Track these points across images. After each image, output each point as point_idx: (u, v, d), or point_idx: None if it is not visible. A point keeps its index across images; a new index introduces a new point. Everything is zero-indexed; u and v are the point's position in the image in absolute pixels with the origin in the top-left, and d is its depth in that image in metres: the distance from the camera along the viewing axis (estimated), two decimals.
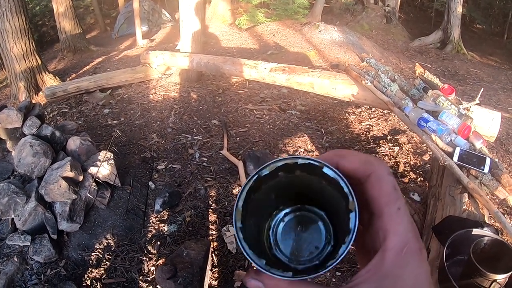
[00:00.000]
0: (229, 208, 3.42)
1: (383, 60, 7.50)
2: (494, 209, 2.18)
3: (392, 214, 0.35)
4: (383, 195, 0.37)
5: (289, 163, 0.41)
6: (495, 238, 1.73)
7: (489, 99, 6.18)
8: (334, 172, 0.39)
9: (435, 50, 9.61)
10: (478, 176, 2.43)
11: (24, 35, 6.12)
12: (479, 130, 2.76)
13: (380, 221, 0.36)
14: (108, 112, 5.39)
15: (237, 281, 2.74)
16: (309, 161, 0.40)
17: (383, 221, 0.36)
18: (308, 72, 3.87)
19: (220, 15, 10.57)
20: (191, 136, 4.60)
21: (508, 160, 4.25)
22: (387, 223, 0.35)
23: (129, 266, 2.91)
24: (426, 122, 2.67)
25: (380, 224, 0.36)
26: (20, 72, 6.24)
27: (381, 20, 11.29)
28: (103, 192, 3.37)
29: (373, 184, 0.37)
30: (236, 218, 0.41)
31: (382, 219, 0.36)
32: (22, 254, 2.88)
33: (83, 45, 9.45)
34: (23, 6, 6.10)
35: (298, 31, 8.83)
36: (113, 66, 7.84)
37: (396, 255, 0.34)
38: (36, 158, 3.20)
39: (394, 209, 0.36)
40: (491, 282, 1.56)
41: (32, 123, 3.50)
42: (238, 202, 0.41)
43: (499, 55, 10.04)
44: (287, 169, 0.42)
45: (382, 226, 0.36)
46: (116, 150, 4.14)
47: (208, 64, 5.06)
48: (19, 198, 3.00)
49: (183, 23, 5.82)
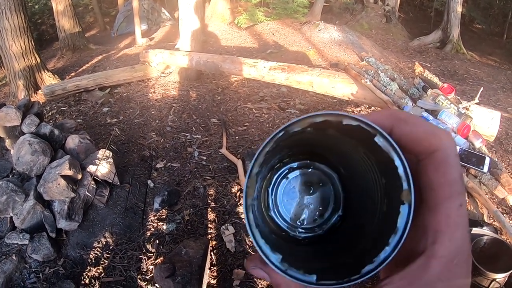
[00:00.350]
0: (228, 206, 3.42)
1: (382, 59, 7.49)
2: (493, 208, 2.18)
3: (452, 213, 0.28)
4: (446, 184, 0.28)
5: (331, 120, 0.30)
6: (495, 237, 1.73)
7: (488, 98, 6.18)
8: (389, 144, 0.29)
9: (434, 50, 9.62)
10: (478, 175, 2.43)
11: (23, 33, 6.11)
12: (479, 129, 2.76)
13: (433, 217, 0.28)
14: (107, 111, 5.38)
15: (236, 279, 2.74)
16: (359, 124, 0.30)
17: (437, 218, 0.28)
18: (308, 71, 3.87)
19: (219, 14, 10.56)
20: (190, 134, 4.60)
21: (508, 160, 4.25)
22: (443, 223, 0.28)
23: (127, 265, 2.91)
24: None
25: (432, 220, 0.28)
26: (19, 70, 6.22)
27: (381, 19, 11.29)
28: (102, 191, 3.36)
29: (437, 165, 0.28)
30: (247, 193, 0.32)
31: (437, 215, 0.28)
32: (21, 253, 2.88)
33: (82, 43, 9.44)
34: (22, 4, 6.10)
35: (298, 30, 8.83)
36: (112, 64, 7.83)
37: (445, 266, 0.27)
38: (34, 157, 3.19)
39: (455, 206, 0.28)
40: (490, 281, 1.56)
41: (31, 121, 3.49)
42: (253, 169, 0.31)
43: (499, 55, 10.05)
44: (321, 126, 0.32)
45: (434, 225, 0.28)
46: (115, 148, 4.14)
47: (208, 62, 5.06)
48: (17, 197, 2.99)
49: (182, 21, 5.81)
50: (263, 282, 2.71)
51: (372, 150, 0.31)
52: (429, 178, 0.29)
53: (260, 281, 2.72)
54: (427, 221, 0.29)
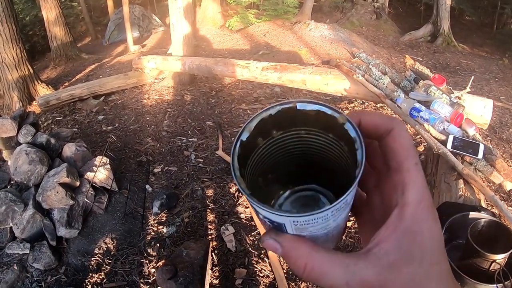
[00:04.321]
0: (227, 207, 3.43)
1: (374, 55, 7.53)
2: (490, 194, 2.20)
3: (411, 168, 0.34)
4: (403, 149, 0.35)
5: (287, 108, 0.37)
6: (492, 219, 1.75)
7: (481, 89, 6.22)
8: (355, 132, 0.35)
9: (425, 44, 9.68)
10: (473, 162, 2.45)
11: (15, 44, 6.11)
12: (472, 117, 2.78)
13: (398, 175, 0.35)
14: (102, 119, 5.39)
15: (238, 278, 2.74)
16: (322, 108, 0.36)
17: (401, 174, 0.35)
18: (300, 69, 3.88)
19: (210, 17, 10.58)
20: (186, 138, 4.61)
21: (503, 148, 4.28)
22: (406, 177, 0.34)
23: (129, 269, 2.91)
24: (418, 112, 2.69)
25: (398, 178, 0.35)
26: (13, 82, 6.21)
27: (371, 16, 11.34)
28: (100, 197, 3.37)
29: (395, 137, 0.36)
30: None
31: (401, 172, 0.35)
32: (22, 262, 2.88)
33: (75, 53, 9.44)
34: (13, 15, 6.09)
35: (289, 30, 8.86)
36: (105, 73, 7.83)
37: (415, 209, 0.33)
38: (32, 166, 3.19)
39: (412, 163, 0.35)
40: (490, 263, 1.58)
41: (27, 132, 3.49)
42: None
43: (490, 45, 10.11)
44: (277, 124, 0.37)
45: (401, 180, 0.34)
46: (111, 155, 4.14)
47: (200, 66, 5.06)
48: (16, 206, 2.99)
49: (173, 26, 5.82)
50: (266, 280, 2.72)
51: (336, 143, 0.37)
52: (390, 149, 0.36)
53: (263, 278, 2.73)
54: (395, 180, 0.35)
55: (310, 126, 0.38)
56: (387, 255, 0.32)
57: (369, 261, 0.32)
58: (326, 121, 0.36)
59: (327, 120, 0.36)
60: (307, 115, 0.36)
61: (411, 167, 0.34)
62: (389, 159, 0.36)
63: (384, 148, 0.37)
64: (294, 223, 0.33)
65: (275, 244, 0.35)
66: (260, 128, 0.37)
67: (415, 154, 0.36)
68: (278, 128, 0.38)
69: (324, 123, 0.36)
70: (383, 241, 0.33)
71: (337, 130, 0.36)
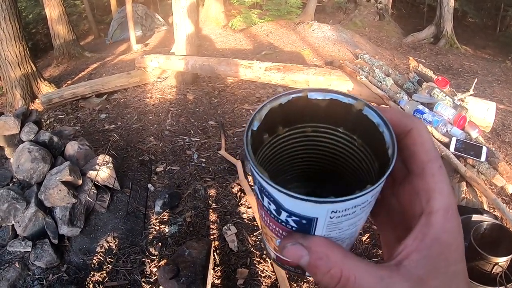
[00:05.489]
0: (229, 207, 3.43)
1: (377, 56, 7.52)
2: (492, 196, 2.20)
3: (435, 172, 0.32)
4: (425, 152, 0.32)
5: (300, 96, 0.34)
6: (494, 222, 1.75)
7: (483, 91, 6.21)
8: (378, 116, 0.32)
9: (428, 45, 9.66)
10: (475, 165, 2.45)
11: (18, 42, 6.12)
12: (475, 120, 2.78)
13: (421, 181, 0.32)
14: (104, 117, 5.39)
15: (240, 278, 2.75)
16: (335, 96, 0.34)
17: (425, 180, 0.32)
18: (303, 70, 3.89)
19: (213, 17, 10.59)
20: (188, 137, 4.61)
21: (505, 151, 4.28)
22: (431, 182, 0.31)
23: (131, 268, 2.91)
24: (421, 114, 2.69)
25: (422, 183, 0.32)
26: (16, 79, 6.22)
27: (374, 17, 11.34)
28: (102, 196, 3.37)
29: (415, 139, 0.33)
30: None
31: (424, 178, 0.32)
32: (24, 260, 2.88)
33: (77, 51, 9.44)
34: (16, 13, 6.10)
35: (292, 31, 8.86)
36: (108, 71, 7.84)
37: (443, 218, 0.30)
38: (34, 164, 3.20)
39: (437, 166, 0.32)
40: (493, 266, 1.58)
41: (30, 129, 3.50)
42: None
43: (492, 48, 10.10)
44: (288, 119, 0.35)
45: (425, 186, 0.32)
46: (114, 154, 4.14)
47: (203, 66, 5.07)
48: (19, 204, 3.00)
49: (177, 26, 5.83)
50: (267, 280, 2.72)
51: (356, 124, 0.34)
52: (410, 151, 0.33)
53: (264, 278, 2.74)
54: (417, 186, 0.32)
55: (318, 121, 0.36)
56: (416, 269, 0.30)
57: (402, 275, 0.30)
58: (337, 112, 0.34)
59: (339, 111, 0.34)
60: (318, 106, 0.34)
61: (435, 172, 0.32)
62: (409, 162, 0.33)
63: (403, 150, 0.34)
64: (331, 215, 0.29)
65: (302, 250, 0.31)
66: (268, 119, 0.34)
67: (437, 156, 0.33)
68: (285, 123, 0.36)
69: (335, 115, 0.34)
70: (412, 252, 0.30)
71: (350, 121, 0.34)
